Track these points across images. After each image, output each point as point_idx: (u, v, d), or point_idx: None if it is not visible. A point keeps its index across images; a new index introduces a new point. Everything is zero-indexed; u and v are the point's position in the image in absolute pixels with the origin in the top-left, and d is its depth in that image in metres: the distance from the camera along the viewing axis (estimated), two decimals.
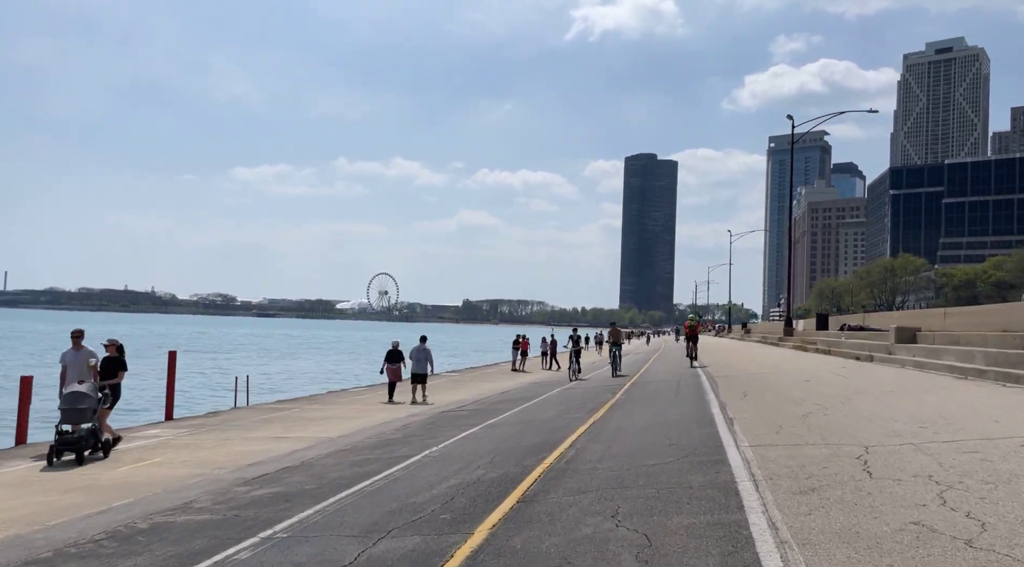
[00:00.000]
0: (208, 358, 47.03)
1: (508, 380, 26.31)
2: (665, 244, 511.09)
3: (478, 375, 30.39)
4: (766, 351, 29.37)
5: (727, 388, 14.12)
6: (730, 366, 21.63)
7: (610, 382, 19.65)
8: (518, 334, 33.43)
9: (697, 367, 22.46)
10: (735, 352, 32.37)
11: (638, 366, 26.94)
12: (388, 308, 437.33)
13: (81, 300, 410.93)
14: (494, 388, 22.40)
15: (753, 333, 53.48)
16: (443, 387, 23.02)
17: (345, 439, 11.82)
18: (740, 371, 19.21)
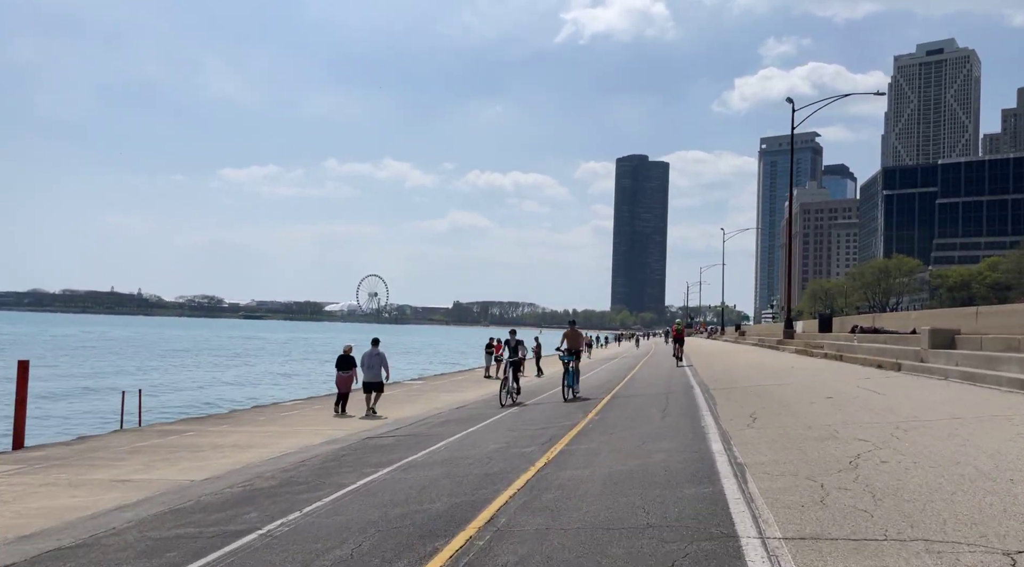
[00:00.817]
0: (152, 364, 43.41)
1: (474, 390, 22.97)
2: (656, 245, 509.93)
3: (445, 383, 27.02)
4: (767, 356, 26.15)
5: (729, 407, 10.86)
6: (729, 374, 18.39)
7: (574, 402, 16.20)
8: (491, 337, 30.04)
9: (684, 366, 23.05)
10: (732, 356, 29.11)
11: (622, 373, 23.60)
12: (378, 310, 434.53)
13: (64, 302, 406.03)
14: (452, 400, 19.08)
15: (748, 335, 50.18)
16: (399, 398, 19.70)
17: (201, 487, 8.44)
18: (741, 380, 15.99)
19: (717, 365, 22.78)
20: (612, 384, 19.21)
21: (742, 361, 23.66)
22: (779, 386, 13.85)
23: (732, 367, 21.23)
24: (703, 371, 19.80)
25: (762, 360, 23.33)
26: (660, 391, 15.29)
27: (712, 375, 17.67)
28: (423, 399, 20.01)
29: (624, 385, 18.60)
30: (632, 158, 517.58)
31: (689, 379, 17.30)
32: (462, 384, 25.34)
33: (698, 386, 14.69)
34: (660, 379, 18.57)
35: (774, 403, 10.90)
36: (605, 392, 16.70)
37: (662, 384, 16.71)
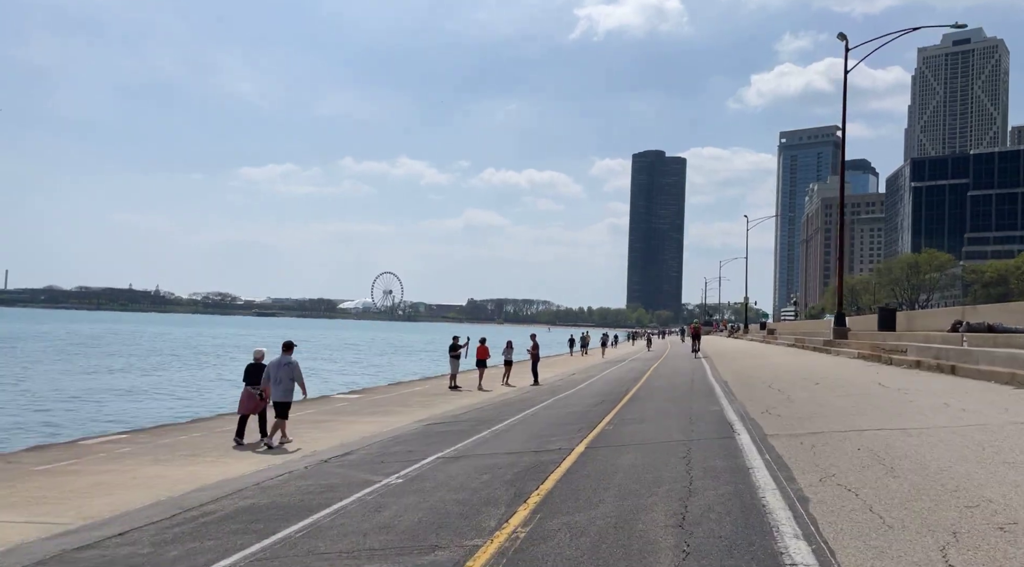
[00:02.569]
0: (103, 366, 38.18)
1: (427, 408, 17.33)
2: (673, 242, 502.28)
3: (401, 396, 21.37)
4: (824, 364, 20.19)
5: (843, 504, 5.11)
6: (789, 402, 11.91)
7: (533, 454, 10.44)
8: (455, 335, 24.26)
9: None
10: (772, 363, 23.18)
11: (617, 395, 17.69)
12: (392, 307, 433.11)
13: (79, 299, 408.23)
14: (384, 428, 13.44)
15: (780, 334, 43.68)
16: (315, 424, 14.13)
17: None
18: (830, 418, 9.71)
19: (757, 379, 16.76)
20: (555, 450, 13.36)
21: (794, 373, 17.68)
22: (928, 446, 7.59)
23: (790, 382, 15.27)
24: (741, 391, 13.87)
25: (823, 371, 17.39)
26: (675, 438, 9.46)
27: (761, 403, 11.59)
28: (359, 421, 14.45)
29: (605, 429, 12.76)
30: (648, 154, 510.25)
31: (725, 413, 11.46)
32: (409, 400, 19.67)
33: (746, 432, 8.56)
34: (673, 414, 12.63)
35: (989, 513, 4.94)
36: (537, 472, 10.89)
37: (677, 428, 10.80)
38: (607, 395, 16.05)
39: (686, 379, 18.55)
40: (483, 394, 20.93)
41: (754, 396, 12.64)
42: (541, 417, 12.59)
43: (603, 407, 13.10)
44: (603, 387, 19.01)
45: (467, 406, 16.84)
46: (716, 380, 17.45)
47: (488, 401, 18.03)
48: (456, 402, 18.31)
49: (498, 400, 18.06)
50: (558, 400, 16.11)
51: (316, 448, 11.05)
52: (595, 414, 12.00)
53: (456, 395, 20.63)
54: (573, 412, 12.80)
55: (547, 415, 12.78)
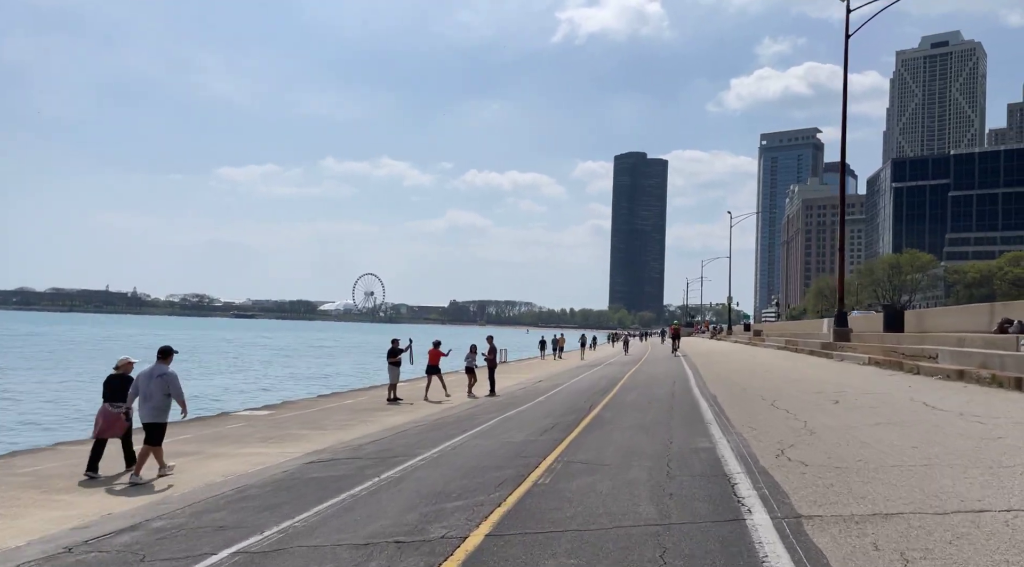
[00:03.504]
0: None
1: (340, 430, 13.86)
2: (655, 244, 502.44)
3: (323, 412, 17.85)
4: (832, 371, 16.93)
5: None
6: (812, 430, 8.17)
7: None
8: (395, 338, 20.64)
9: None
10: (767, 369, 19.90)
11: (576, 415, 14.32)
12: (373, 309, 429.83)
13: (52, 300, 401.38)
14: (254, 465, 9.96)
15: (767, 335, 40.40)
16: (175, 455, 10.58)
17: None
18: (890, 474, 6.22)
19: (754, 392, 13.39)
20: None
21: (798, 383, 14.31)
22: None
23: (790, 399, 11.96)
24: (737, 412, 10.52)
25: (835, 381, 14.08)
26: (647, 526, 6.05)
27: (769, 434, 8.05)
28: (203, 459, 10.89)
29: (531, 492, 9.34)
30: (631, 155, 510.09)
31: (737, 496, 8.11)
32: (327, 418, 16.12)
33: (777, 534, 5.22)
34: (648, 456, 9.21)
35: None
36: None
37: (651, 490, 7.35)
38: (565, 414, 12.64)
39: (665, 392, 15.20)
40: (424, 408, 17.46)
41: (756, 421, 9.30)
42: (464, 452, 9.15)
43: (551, 436, 9.68)
44: (564, 401, 15.62)
45: (389, 428, 13.36)
46: (702, 393, 14.14)
47: (421, 420, 14.57)
48: (382, 421, 14.83)
49: (433, 419, 14.60)
50: (502, 421, 12.69)
51: (193, 483, 7.65)
52: (536, 450, 8.57)
53: (389, 411, 17.13)
54: (510, 444, 9.36)
55: (473, 449, 9.34)
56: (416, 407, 17.93)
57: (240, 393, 25.36)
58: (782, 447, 7.14)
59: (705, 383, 16.67)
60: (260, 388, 27.78)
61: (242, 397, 23.78)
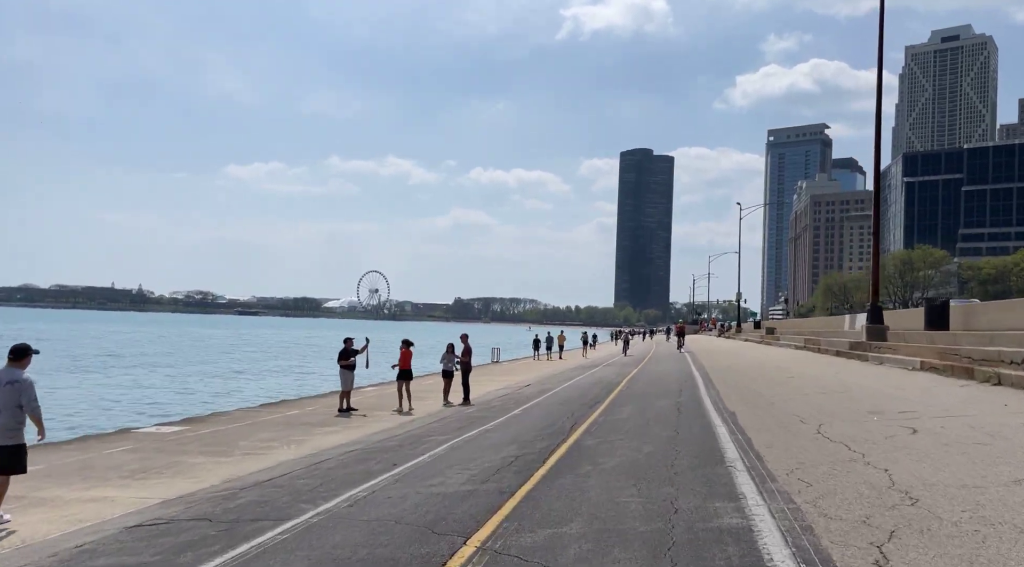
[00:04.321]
0: None
1: (250, 456, 10.86)
2: (661, 241, 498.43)
3: (250, 427, 14.78)
4: (881, 378, 13.63)
5: None
6: (914, 498, 4.76)
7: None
8: (348, 338, 17.36)
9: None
10: (793, 375, 16.70)
11: (551, 441, 11.18)
12: (378, 306, 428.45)
13: (56, 297, 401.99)
14: (78, 520, 6.88)
15: (781, 334, 36.83)
16: (21, 492, 7.90)
17: None
18: None
19: (789, 413, 10.06)
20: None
21: (848, 399, 10.95)
22: None
23: (851, 427, 8.74)
24: (776, 449, 7.39)
25: (898, 396, 10.78)
26: None
27: (848, 503, 4.94)
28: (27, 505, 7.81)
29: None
30: (636, 152, 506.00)
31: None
32: (248, 436, 13.04)
33: None
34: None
35: None
36: None
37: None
38: (536, 439, 9.52)
39: (669, 406, 12.04)
40: (374, 423, 14.36)
41: (806, 465, 6.13)
42: (374, 507, 6.05)
43: (499, 484, 6.55)
44: (543, 416, 12.49)
45: (310, 455, 10.28)
46: (716, 408, 10.99)
47: (358, 442, 11.49)
48: (310, 443, 11.75)
49: (374, 440, 11.50)
50: (451, 449, 9.57)
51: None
52: (464, 516, 5.45)
53: (330, 427, 14.01)
54: (433, 499, 6.23)
55: (376, 508, 6.19)
56: (368, 421, 14.83)
57: (188, 397, 22.38)
58: (875, 536, 4.00)
59: (719, 393, 13.51)
60: (214, 393, 24.72)
61: (184, 404, 20.75)
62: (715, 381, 16.34)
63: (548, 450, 8.47)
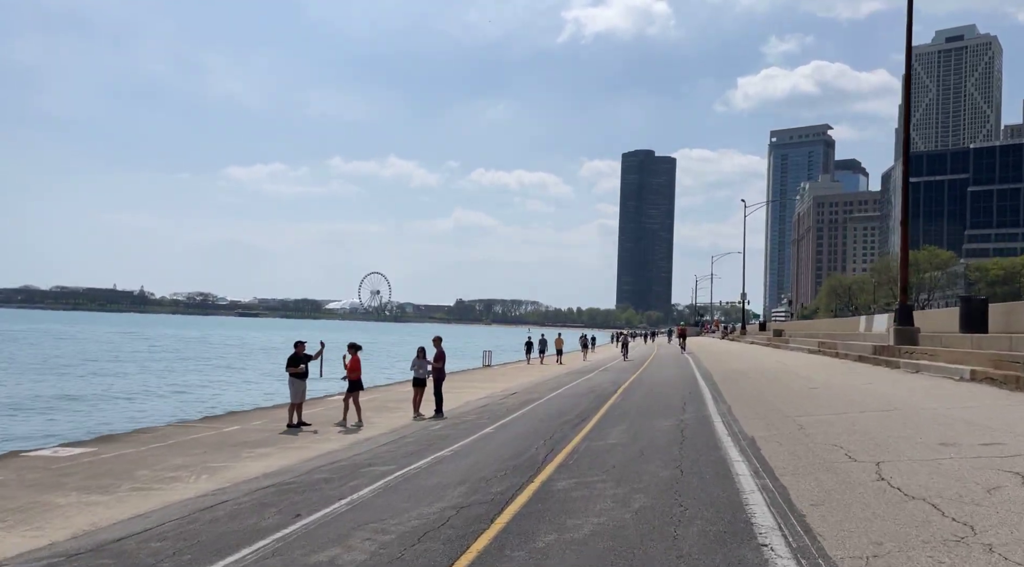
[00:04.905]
0: None
1: (147, 493, 8.54)
2: (663, 242, 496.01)
3: (179, 446, 12.52)
4: (931, 393, 11.27)
5: None
6: None
7: None
8: (299, 342, 15.05)
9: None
10: (818, 385, 14.41)
11: (517, 479, 8.85)
12: (379, 308, 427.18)
13: (56, 299, 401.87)
14: None
15: (790, 337, 34.30)
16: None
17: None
18: None
19: (839, 449, 7.82)
20: None
21: (907, 425, 8.56)
22: None
23: (929, 476, 6.43)
24: (837, 508, 5.14)
25: (956, 414, 8.53)
26: None
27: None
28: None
29: None
30: (638, 153, 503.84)
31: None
32: (174, 456, 10.77)
33: None
34: None
35: None
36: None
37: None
38: (497, 476, 7.24)
39: (669, 429, 9.72)
40: (322, 443, 12.08)
41: (887, 550, 3.82)
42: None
43: (423, 561, 4.23)
44: (515, 440, 10.19)
45: (210, 492, 8.00)
46: (730, 434, 8.68)
47: (287, 470, 9.22)
48: (227, 473, 9.47)
49: (305, 469, 9.22)
50: (387, 488, 7.26)
51: None
52: None
53: (268, 448, 11.71)
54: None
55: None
56: (315, 440, 12.54)
57: (129, 404, 20.08)
58: None
59: (730, 409, 11.19)
60: (162, 402, 22.40)
61: (122, 413, 18.45)
62: (724, 392, 14.02)
63: (504, 498, 6.17)
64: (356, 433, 13.28)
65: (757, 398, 12.48)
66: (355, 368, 14.83)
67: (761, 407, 11.10)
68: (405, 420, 15.52)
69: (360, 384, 15.00)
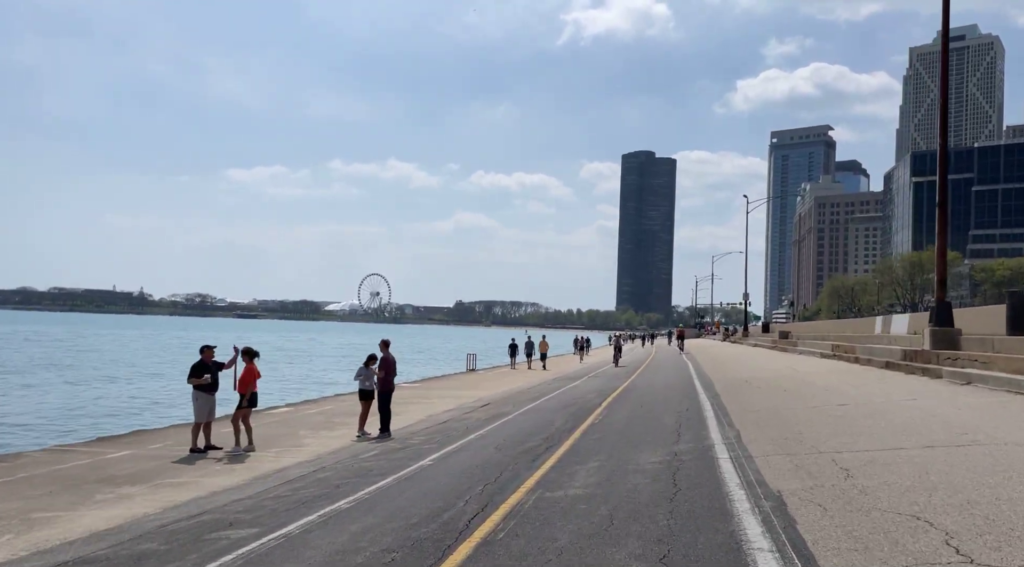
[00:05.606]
0: None
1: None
2: (663, 244, 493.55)
3: (47, 478, 9.76)
4: (996, 413, 8.74)
5: None
6: None
7: None
8: (206, 346, 12.21)
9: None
10: (841, 400, 11.62)
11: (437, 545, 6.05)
12: (379, 310, 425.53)
13: (54, 300, 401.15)
14: None
15: (799, 339, 31.25)
16: None
17: None
18: None
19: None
20: None
21: (998, 471, 6.03)
22: None
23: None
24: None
25: None
26: None
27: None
28: None
29: None
30: (639, 154, 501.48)
31: None
32: (24, 490, 8.02)
33: None
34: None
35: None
36: None
37: None
38: (401, 550, 4.48)
39: (657, 470, 6.99)
40: (214, 477, 9.35)
41: None
42: None
43: None
44: (449, 483, 7.46)
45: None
46: (745, 485, 5.97)
47: (128, 527, 6.56)
48: (43, 531, 6.80)
49: (152, 527, 6.54)
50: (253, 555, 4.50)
51: None
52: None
53: (137, 485, 8.98)
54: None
55: None
56: (217, 470, 9.83)
57: (65, 419, 17.34)
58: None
59: (739, 437, 8.45)
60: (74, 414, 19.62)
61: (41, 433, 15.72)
62: (730, 409, 11.29)
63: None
64: (259, 464, 10.51)
65: (773, 419, 9.76)
66: (248, 380, 11.97)
67: (780, 433, 8.38)
68: (345, 440, 12.82)
69: (255, 400, 12.18)
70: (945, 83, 16.72)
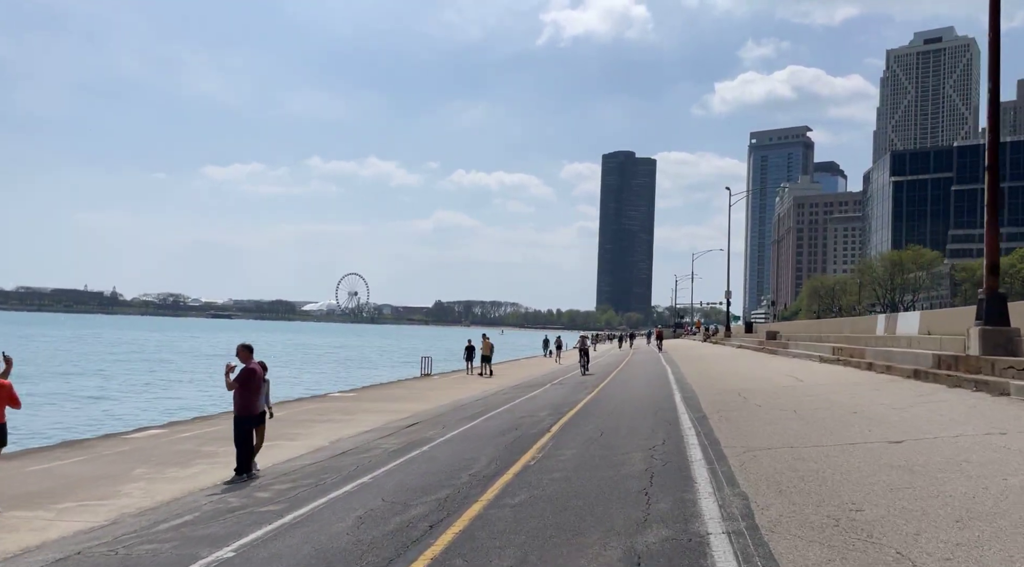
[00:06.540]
0: None
1: None
2: (643, 244, 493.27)
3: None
4: None
5: None
6: None
7: None
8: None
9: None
10: (901, 433, 8.08)
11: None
12: (357, 309, 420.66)
13: (21, 299, 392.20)
14: None
15: (790, 341, 27.70)
16: None
17: None
18: None
19: None
20: None
21: None
22: None
23: None
24: None
25: None
26: None
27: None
28: None
29: None
30: (618, 154, 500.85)
31: None
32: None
33: None
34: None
35: None
36: None
37: None
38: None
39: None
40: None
41: None
42: None
43: None
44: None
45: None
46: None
47: None
48: None
49: None
50: None
51: None
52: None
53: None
54: None
55: None
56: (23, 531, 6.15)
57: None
58: None
59: (756, 520, 4.94)
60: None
61: None
62: (727, 447, 7.75)
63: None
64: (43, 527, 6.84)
65: (797, 469, 6.26)
66: (6, 402, 8.11)
67: (820, 508, 4.90)
68: (189, 485, 9.15)
69: (4, 432, 8.24)
70: (996, 76, 13.45)
